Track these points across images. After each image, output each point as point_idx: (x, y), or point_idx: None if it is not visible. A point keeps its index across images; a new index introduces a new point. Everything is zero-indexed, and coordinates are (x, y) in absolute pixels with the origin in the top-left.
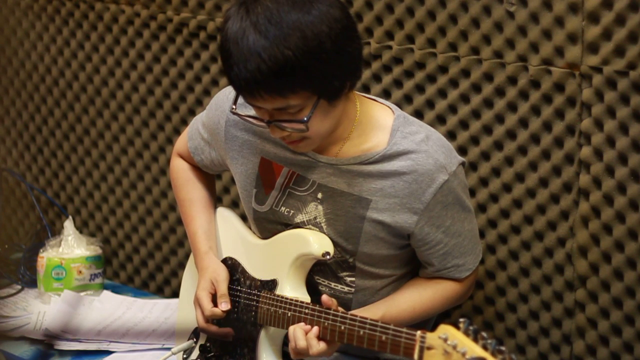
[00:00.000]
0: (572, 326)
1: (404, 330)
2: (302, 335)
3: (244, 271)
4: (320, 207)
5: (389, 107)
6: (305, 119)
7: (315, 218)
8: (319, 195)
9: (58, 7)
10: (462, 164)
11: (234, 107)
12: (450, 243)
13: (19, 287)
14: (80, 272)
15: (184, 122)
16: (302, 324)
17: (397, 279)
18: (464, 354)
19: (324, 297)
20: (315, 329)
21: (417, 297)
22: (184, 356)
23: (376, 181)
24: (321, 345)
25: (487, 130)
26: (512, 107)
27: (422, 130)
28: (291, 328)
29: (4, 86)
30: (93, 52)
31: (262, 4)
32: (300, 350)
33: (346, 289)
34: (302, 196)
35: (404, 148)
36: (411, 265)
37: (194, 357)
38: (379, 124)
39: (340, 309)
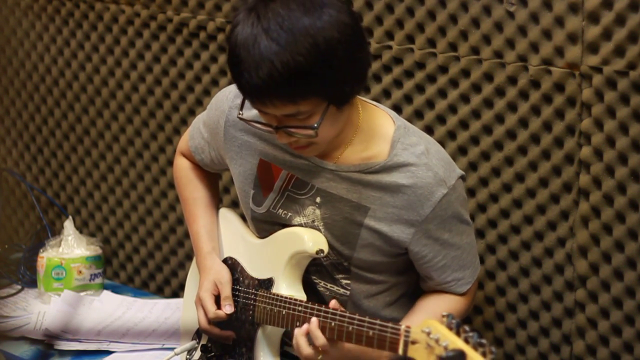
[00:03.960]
0: (572, 326)
1: (390, 325)
2: (303, 341)
3: (242, 270)
4: (318, 211)
5: (389, 114)
6: (316, 125)
7: (313, 221)
8: (318, 200)
9: (58, 7)
10: (462, 177)
11: (240, 112)
12: (449, 256)
13: (19, 287)
14: (80, 272)
15: (184, 122)
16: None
17: (392, 286)
18: (445, 347)
19: (333, 302)
20: (306, 326)
21: (431, 314)
22: (187, 356)
23: (375, 191)
24: (307, 350)
25: (487, 130)
26: (512, 107)
27: (422, 142)
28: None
29: (4, 86)
30: (93, 52)
31: (273, 9)
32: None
33: (341, 290)
34: (300, 199)
35: (404, 160)
36: (407, 274)
37: (197, 358)
38: (381, 133)
39: (323, 305)
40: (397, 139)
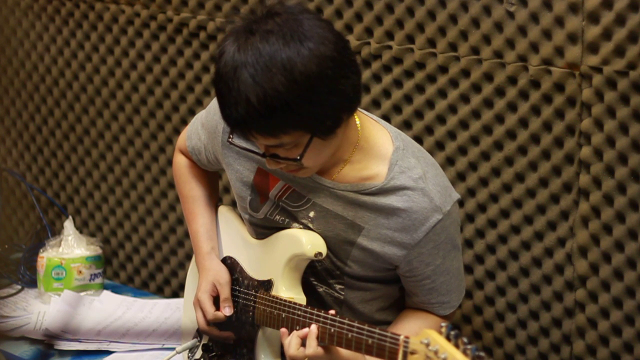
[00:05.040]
0: (572, 326)
1: (389, 334)
2: (297, 342)
3: (242, 271)
4: (310, 226)
5: (388, 132)
6: (298, 157)
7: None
8: (311, 214)
9: (58, 7)
10: (458, 201)
11: (231, 137)
12: (438, 280)
13: (19, 287)
14: (80, 272)
15: (184, 122)
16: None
17: (385, 293)
18: None
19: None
20: (305, 330)
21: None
22: (189, 355)
23: (371, 211)
24: (296, 352)
25: (487, 130)
26: (512, 107)
27: (420, 164)
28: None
29: (4, 86)
30: (93, 52)
31: (252, 44)
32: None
33: (335, 294)
34: (293, 212)
35: (401, 184)
36: (399, 283)
37: (198, 357)
38: (379, 153)
39: (322, 311)
40: (395, 161)
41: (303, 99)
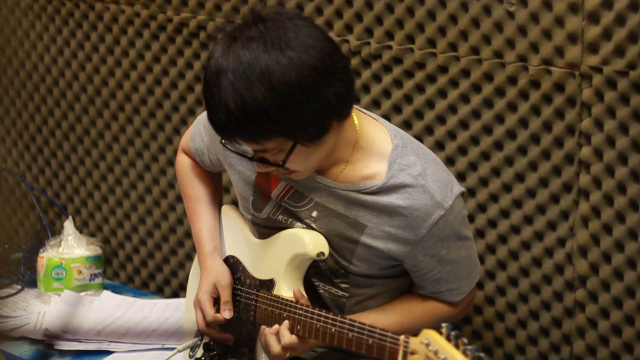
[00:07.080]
0: (572, 326)
1: (389, 334)
2: (273, 340)
3: (244, 270)
4: (313, 225)
5: (387, 130)
6: (281, 163)
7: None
8: (314, 214)
9: (58, 7)
10: (462, 193)
11: (223, 140)
12: (445, 270)
13: (19, 287)
14: (80, 272)
15: (184, 122)
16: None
17: (390, 289)
18: None
19: (295, 290)
20: (286, 323)
21: (407, 313)
22: (190, 353)
23: (372, 210)
24: (277, 349)
25: (487, 130)
26: (512, 107)
27: (419, 161)
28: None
29: (4, 86)
30: (93, 52)
31: (234, 50)
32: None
33: (340, 293)
34: (295, 211)
35: (401, 181)
36: (405, 277)
37: (199, 356)
38: (379, 152)
39: (324, 310)
40: (394, 159)
41: (281, 107)
